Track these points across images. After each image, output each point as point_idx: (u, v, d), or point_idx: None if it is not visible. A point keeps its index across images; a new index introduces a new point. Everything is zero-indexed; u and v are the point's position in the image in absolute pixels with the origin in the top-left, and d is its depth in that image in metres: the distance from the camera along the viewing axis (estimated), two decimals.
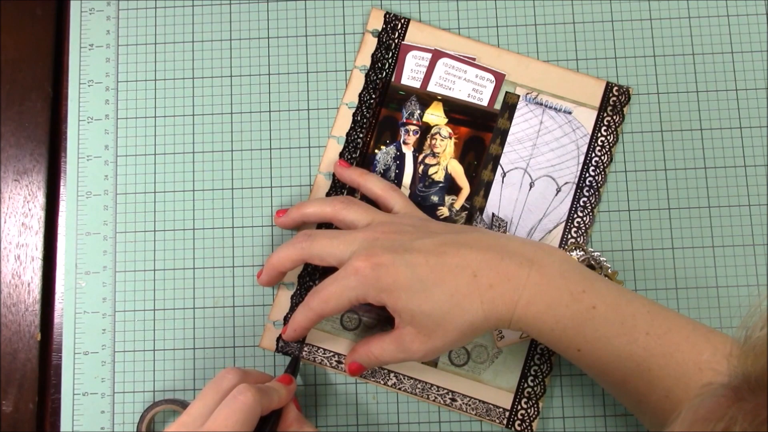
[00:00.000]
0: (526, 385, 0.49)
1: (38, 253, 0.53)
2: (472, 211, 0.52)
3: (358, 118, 0.53)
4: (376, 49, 0.53)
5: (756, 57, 0.54)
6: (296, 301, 0.51)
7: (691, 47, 0.54)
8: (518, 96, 0.53)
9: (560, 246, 0.51)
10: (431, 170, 0.52)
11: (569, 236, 0.51)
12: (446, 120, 0.53)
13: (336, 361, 0.50)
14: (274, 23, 0.54)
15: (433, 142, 0.53)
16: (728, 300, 0.51)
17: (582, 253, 0.50)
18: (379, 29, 0.53)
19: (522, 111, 0.53)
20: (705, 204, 0.52)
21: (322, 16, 0.54)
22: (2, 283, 0.52)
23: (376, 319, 0.50)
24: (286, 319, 0.51)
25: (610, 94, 0.52)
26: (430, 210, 0.52)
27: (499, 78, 0.53)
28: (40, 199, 0.53)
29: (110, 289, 0.52)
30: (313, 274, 0.51)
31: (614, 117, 0.52)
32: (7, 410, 0.51)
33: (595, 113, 0.52)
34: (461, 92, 0.53)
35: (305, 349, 0.50)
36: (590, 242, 0.52)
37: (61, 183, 0.54)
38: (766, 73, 0.53)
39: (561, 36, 0.54)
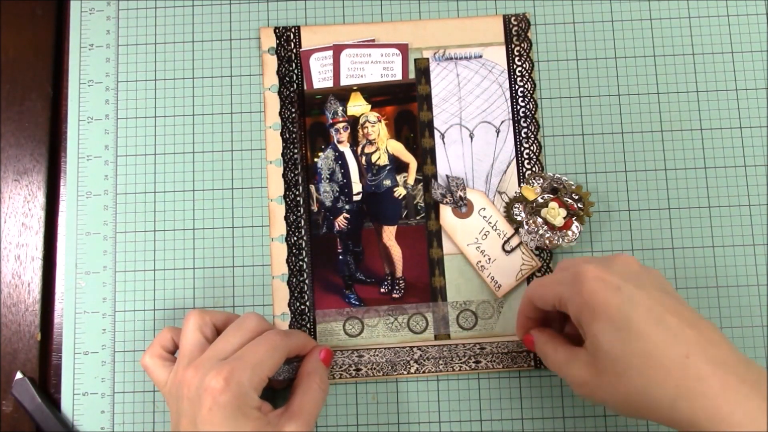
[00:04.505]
0: None
1: (38, 253, 0.53)
2: (427, 180, 0.52)
3: (287, 136, 0.53)
4: (279, 66, 0.53)
5: (756, 57, 0.54)
6: (294, 307, 0.51)
7: (691, 47, 0.54)
8: (427, 59, 0.54)
9: (519, 183, 0.52)
10: (374, 157, 0.53)
11: (524, 169, 0.52)
12: (369, 106, 0.53)
13: (353, 371, 0.50)
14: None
15: (365, 130, 0.53)
16: (728, 300, 0.51)
17: (541, 180, 0.51)
18: (274, 46, 0.54)
19: (436, 71, 0.54)
20: (705, 204, 0.52)
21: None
22: (2, 283, 0.52)
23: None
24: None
25: (511, 25, 0.54)
26: (388, 194, 0.52)
27: (403, 49, 0.54)
28: (40, 199, 0.53)
29: (110, 289, 0.52)
30: (300, 274, 0.51)
31: (522, 45, 0.53)
32: (7, 410, 0.51)
33: (503, 48, 0.54)
34: (373, 75, 0.53)
35: None
36: (545, 168, 0.52)
37: (61, 183, 0.54)
38: (766, 73, 0.53)
39: (561, 36, 0.54)
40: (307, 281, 0.51)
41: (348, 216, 0.52)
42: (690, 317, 0.39)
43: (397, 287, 0.51)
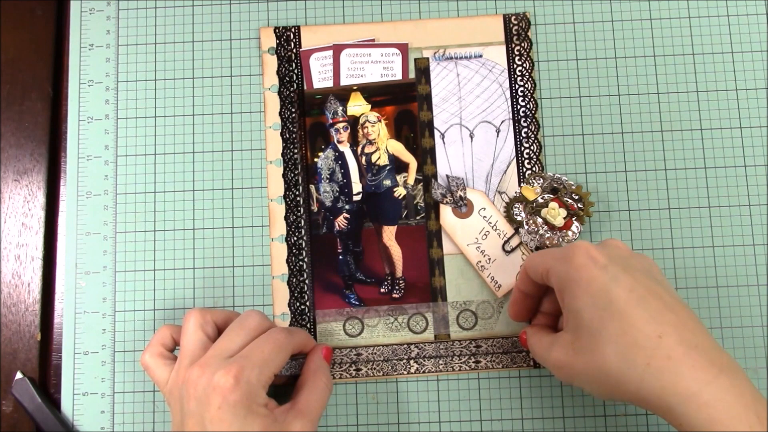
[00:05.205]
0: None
1: (38, 253, 0.53)
2: (427, 180, 0.52)
3: (287, 136, 0.53)
4: (279, 66, 0.53)
5: (756, 57, 0.54)
6: (294, 307, 0.51)
7: (691, 47, 0.54)
8: (427, 59, 0.54)
9: (519, 182, 0.52)
10: (374, 157, 0.53)
11: (524, 169, 0.52)
12: (369, 106, 0.53)
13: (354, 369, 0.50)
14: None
15: (365, 130, 0.53)
16: (728, 300, 0.51)
17: (541, 180, 0.51)
18: (274, 46, 0.54)
19: (436, 71, 0.54)
20: (705, 204, 0.52)
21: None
22: (2, 283, 0.52)
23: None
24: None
25: (511, 24, 0.54)
26: (388, 194, 0.52)
27: (403, 48, 0.54)
28: (40, 199, 0.53)
29: (110, 289, 0.52)
30: (300, 274, 0.51)
31: (522, 44, 0.53)
32: (7, 410, 0.51)
33: (503, 47, 0.54)
34: (373, 75, 0.53)
35: None
36: (546, 168, 0.52)
37: (61, 183, 0.54)
38: (766, 73, 0.53)
39: (561, 36, 0.54)
40: (307, 281, 0.51)
41: (348, 216, 0.52)
42: (670, 302, 0.40)
43: (397, 287, 0.51)
